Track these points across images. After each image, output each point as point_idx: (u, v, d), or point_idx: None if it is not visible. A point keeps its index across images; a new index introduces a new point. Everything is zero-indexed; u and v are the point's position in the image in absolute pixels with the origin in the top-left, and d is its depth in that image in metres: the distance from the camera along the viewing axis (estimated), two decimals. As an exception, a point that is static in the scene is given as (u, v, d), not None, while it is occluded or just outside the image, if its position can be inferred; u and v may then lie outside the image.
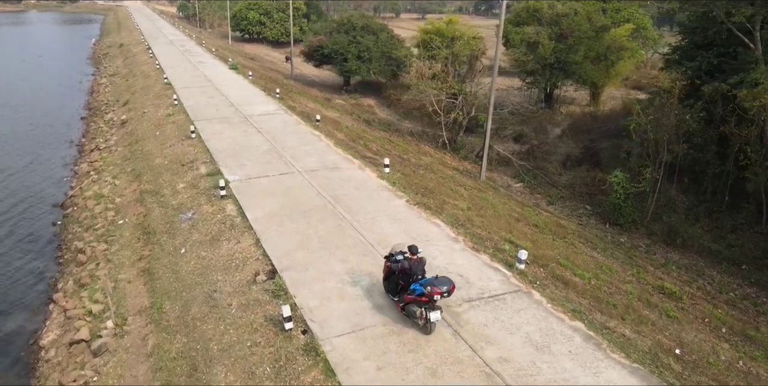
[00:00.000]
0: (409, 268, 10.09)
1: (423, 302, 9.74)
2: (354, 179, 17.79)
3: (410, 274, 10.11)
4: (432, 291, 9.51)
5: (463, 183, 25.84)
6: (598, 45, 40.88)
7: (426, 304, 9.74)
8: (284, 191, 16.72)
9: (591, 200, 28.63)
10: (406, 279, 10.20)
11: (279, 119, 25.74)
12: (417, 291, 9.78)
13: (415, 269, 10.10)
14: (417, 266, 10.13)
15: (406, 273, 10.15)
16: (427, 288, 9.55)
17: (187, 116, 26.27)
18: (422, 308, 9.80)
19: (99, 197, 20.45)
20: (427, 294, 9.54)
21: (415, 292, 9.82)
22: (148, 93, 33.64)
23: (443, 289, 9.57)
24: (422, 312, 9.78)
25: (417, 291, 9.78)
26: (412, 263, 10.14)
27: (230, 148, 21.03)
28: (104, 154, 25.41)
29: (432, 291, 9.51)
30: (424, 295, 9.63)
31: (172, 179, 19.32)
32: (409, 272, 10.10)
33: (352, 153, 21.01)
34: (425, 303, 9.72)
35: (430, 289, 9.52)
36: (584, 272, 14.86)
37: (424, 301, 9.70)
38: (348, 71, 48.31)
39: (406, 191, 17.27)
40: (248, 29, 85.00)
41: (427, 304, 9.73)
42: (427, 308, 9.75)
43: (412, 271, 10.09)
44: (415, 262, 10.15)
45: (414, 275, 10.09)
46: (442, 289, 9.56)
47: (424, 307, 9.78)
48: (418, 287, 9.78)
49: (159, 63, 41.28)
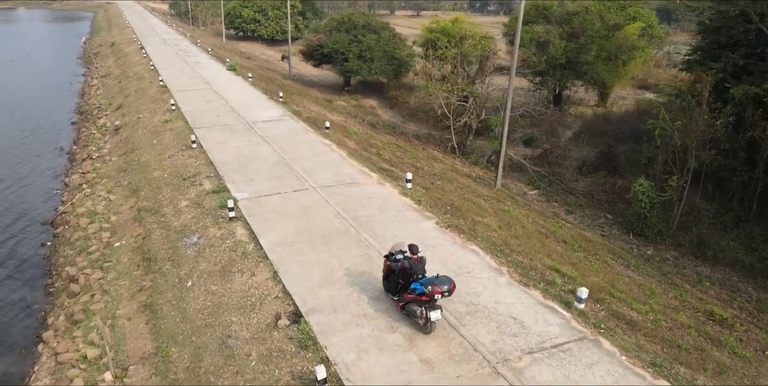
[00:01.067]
0: (410, 267, 10.03)
1: (423, 301, 9.70)
2: (375, 197, 16.18)
3: (411, 273, 10.04)
4: (433, 290, 9.47)
5: (480, 193, 24.36)
6: (610, 44, 39.42)
7: (426, 303, 9.69)
8: (300, 211, 15.08)
9: (611, 208, 27.24)
10: (406, 278, 10.13)
11: (285, 125, 24.05)
12: (417, 290, 9.74)
13: (415, 268, 10.03)
14: (417, 266, 10.07)
15: (406, 272, 10.09)
16: (428, 288, 9.51)
17: (186, 123, 24.53)
18: (422, 307, 9.75)
19: (93, 214, 18.73)
20: (428, 293, 9.50)
21: (416, 291, 9.77)
22: (142, 96, 31.82)
23: (444, 288, 9.54)
24: (422, 312, 9.74)
25: (418, 291, 9.73)
26: (413, 262, 10.08)
27: (235, 160, 19.34)
28: (97, 164, 23.63)
29: (433, 290, 9.47)
30: (424, 294, 9.58)
31: (173, 196, 17.63)
32: (409, 271, 10.04)
33: (368, 165, 19.38)
34: (426, 302, 9.68)
35: (431, 288, 9.48)
36: (640, 304, 13.38)
37: (424, 300, 9.66)
38: (349, 71, 46.68)
39: (433, 210, 15.68)
40: (242, 27, 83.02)
41: (427, 303, 9.69)
42: (427, 307, 9.69)
43: (412, 270, 10.02)
44: (415, 261, 10.10)
45: (414, 275, 10.03)
46: (443, 288, 9.53)
47: (424, 306, 9.73)
48: (419, 286, 9.73)
49: (153, 64, 39.39)
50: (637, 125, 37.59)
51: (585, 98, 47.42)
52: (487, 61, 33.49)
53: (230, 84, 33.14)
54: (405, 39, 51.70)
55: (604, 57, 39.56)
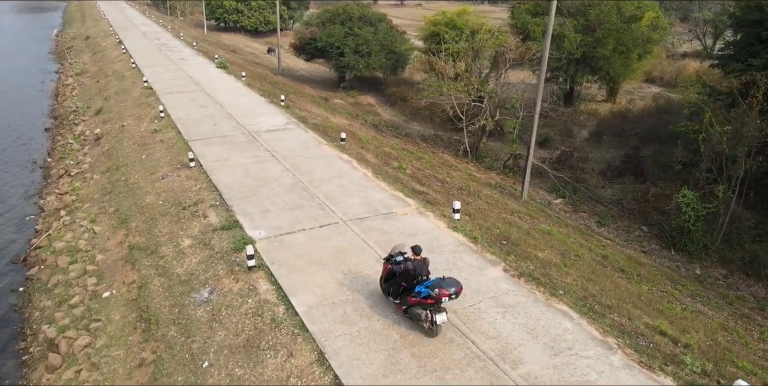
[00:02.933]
0: (413, 269, 9.62)
1: (428, 304, 9.42)
2: (420, 233, 13.42)
3: (414, 275, 9.65)
4: (440, 293, 9.22)
5: (513, 209, 21.87)
6: (627, 37, 36.96)
7: (431, 306, 9.41)
8: (334, 256, 12.27)
9: (645, 219, 24.99)
10: (409, 281, 9.71)
11: (293, 136, 21.07)
12: (423, 293, 9.45)
13: (419, 270, 9.68)
14: (421, 267, 9.73)
15: (409, 275, 9.66)
16: (435, 291, 9.25)
17: (178, 134, 21.40)
18: (427, 310, 9.45)
19: (74, 251, 15.66)
20: (435, 296, 9.25)
21: (421, 294, 9.48)
22: (125, 99, 28.44)
23: (451, 291, 9.26)
24: (427, 315, 9.44)
25: (423, 294, 9.45)
26: (416, 263, 9.70)
27: (243, 183, 16.37)
28: (76, 183, 20.42)
29: (440, 293, 9.22)
30: (430, 297, 9.34)
31: (172, 231, 14.65)
32: (413, 273, 9.63)
33: (400, 187, 16.58)
34: (431, 305, 9.40)
35: (438, 291, 9.23)
36: (755, 367, 10.93)
37: (429, 303, 9.39)
38: (345, 67, 43.60)
39: (492, 249, 12.99)
40: (224, 18, 79.13)
41: (432, 306, 9.40)
42: (432, 310, 9.39)
43: (416, 272, 9.64)
44: (419, 262, 9.74)
45: (419, 277, 9.69)
46: (450, 291, 9.26)
47: (429, 309, 9.43)
48: (424, 289, 9.44)
49: (135, 61, 35.79)
50: (657, 125, 35.39)
51: (592, 94, 45.09)
52: (503, 58, 30.69)
53: (223, 85, 29.88)
54: (403, 31, 48.71)
55: (621, 51, 37.16)
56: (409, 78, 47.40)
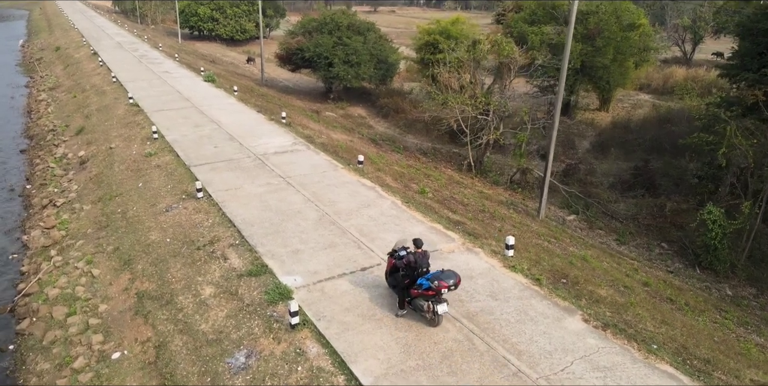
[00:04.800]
0: (414, 261, 9.99)
1: (430, 295, 9.83)
2: (476, 275, 11.93)
3: (415, 267, 10.01)
4: (439, 284, 9.64)
5: (538, 232, 20.73)
6: (625, 46, 36.34)
7: (433, 297, 9.80)
8: (388, 308, 10.67)
9: (663, 235, 24.11)
10: (410, 273, 10.07)
11: (304, 159, 19.38)
12: (424, 285, 9.84)
13: (420, 262, 10.05)
14: (422, 260, 10.10)
15: (411, 267, 10.02)
16: (435, 282, 9.65)
17: (176, 158, 19.51)
18: (429, 301, 9.88)
19: (71, 299, 13.71)
20: (435, 287, 9.64)
21: (422, 286, 9.87)
22: (109, 117, 26.30)
23: (450, 282, 9.71)
24: (429, 305, 9.85)
25: (424, 286, 9.84)
26: (417, 256, 10.07)
27: (263, 217, 14.65)
28: (64, 215, 18.33)
29: (439, 284, 9.64)
30: (431, 289, 9.71)
31: (187, 276, 12.85)
32: (414, 265, 9.99)
33: (436, 218, 15.09)
34: (432, 296, 9.80)
35: (438, 283, 9.66)
36: None
37: (431, 295, 9.78)
38: (334, 77, 42.04)
39: (559, 291, 11.61)
40: (199, 26, 76.73)
41: (434, 297, 9.79)
42: (434, 301, 9.81)
43: (417, 264, 10.00)
44: (420, 255, 10.10)
45: (419, 269, 10.05)
46: (449, 282, 9.70)
47: (431, 300, 9.85)
48: (425, 281, 9.84)
49: (115, 75, 33.50)
50: (660, 135, 34.77)
51: (584, 103, 44.47)
52: (508, 69, 29.55)
53: (215, 100, 27.96)
54: (392, 40, 47.40)
55: (620, 60, 36.53)
56: (400, 88, 46.08)
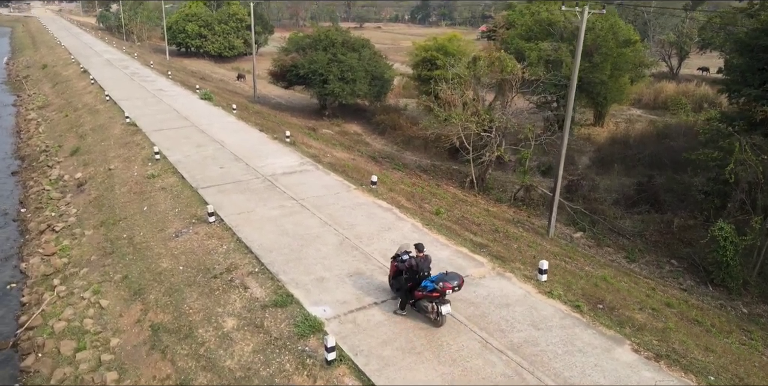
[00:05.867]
0: (416, 265, 10.27)
1: (434, 297, 10.18)
2: (513, 303, 11.42)
3: (417, 271, 10.27)
4: (444, 286, 10.06)
5: (553, 251, 20.44)
6: (622, 61, 36.56)
7: (437, 299, 10.15)
8: (427, 340, 10.07)
9: (671, 252, 23.94)
10: (412, 276, 10.34)
11: (315, 179, 18.82)
12: (428, 287, 10.20)
13: (421, 265, 10.33)
14: (423, 263, 10.38)
15: (413, 270, 10.29)
16: (440, 284, 10.07)
17: (181, 180, 18.83)
18: (433, 302, 10.20)
19: (79, 333, 12.90)
20: (440, 289, 10.05)
21: (427, 289, 10.23)
22: (105, 137, 25.52)
23: (454, 284, 10.14)
24: (433, 307, 10.20)
25: (428, 288, 10.20)
26: (419, 260, 10.34)
27: (280, 242, 14.02)
28: (64, 241, 17.50)
29: (444, 286, 10.06)
30: (435, 291, 10.11)
31: (205, 307, 12.15)
32: (416, 268, 10.25)
33: (460, 241, 14.60)
34: (436, 297, 10.16)
35: (442, 285, 10.07)
36: None
37: (435, 296, 10.15)
38: (329, 94, 41.76)
39: (601, 318, 11.14)
40: (187, 43, 76.27)
41: (437, 299, 10.14)
42: (437, 302, 10.15)
43: (419, 268, 10.28)
44: (421, 259, 10.38)
45: (421, 272, 10.33)
46: (453, 284, 10.13)
47: (434, 302, 10.18)
48: (429, 284, 10.20)
49: (108, 93, 32.73)
50: (659, 150, 34.84)
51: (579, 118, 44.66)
52: (510, 85, 29.41)
53: (214, 119, 27.33)
54: (386, 56, 47.31)
55: (616, 75, 36.72)
56: (395, 105, 45.86)
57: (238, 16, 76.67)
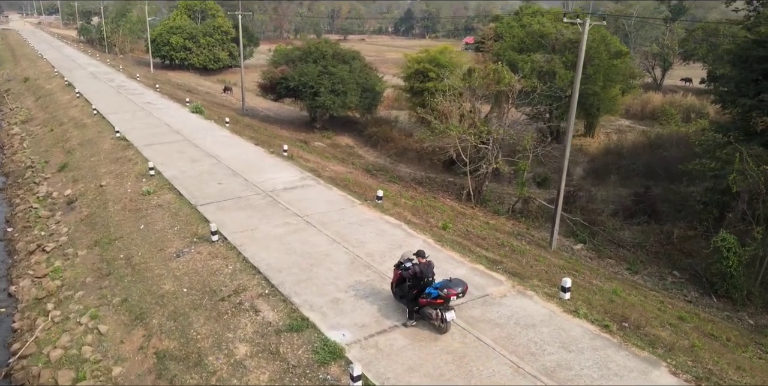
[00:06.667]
0: (420, 272, 10.31)
1: (438, 304, 10.20)
2: (540, 323, 10.96)
3: (421, 277, 10.31)
4: (448, 292, 10.06)
5: (559, 264, 20.13)
6: (614, 72, 36.78)
7: (441, 306, 10.19)
8: (455, 366, 9.57)
9: (672, 263, 23.81)
10: (416, 283, 10.37)
11: (317, 195, 18.28)
12: (433, 294, 10.24)
13: (425, 271, 10.37)
14: (427, 269, 10.43)
15: (417, 277, 10.33)
16: (444, 291, 10.08)
17: (179, 196, 18.15)
18: (437, 309, 10.24)
19: (78, 361, 12.13)
20: (444, 296, 10.08)
21: (431, 295, 10.26)
22: (95, 152, 24.71)
23: (458, 290, 10.14)
24: (438, 313, 10.24)
25: (433, 294, 10.23)
26: (422, 266, 10.38)
27: (289, 261, 13.43)
28: (56, 262, 16.67)
29: (448, 292, 10.06)
30: (440, 297, 10.13)
31: (214, 332, 11.49)
32: (420, 275, 10.30)
33: (474, 258, 14.16)
34: (440, 304, 10.19)
35: (447, 291, 10.07)
36: None
37: (439, 303, 10.18)
38: (320, 106, 41.35)
39: (631, 339, 10.74)
40: (171, 55, 75.43)
41: (442, 305, 10.19)
42: (442, 309, 10.19)
43: (423, 274, 10.32)
44: (424, 265, 10.42)
45: (425, 278, 10.35)
46: (458, 290, 10.13)
47: (439, 308, 10.22)
48: (434, 291, 10.24)
49: (95, 107, 31.89)
50: (652, 160, 34.96)
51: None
52: (506, 97, 29.21)
53: (208, 133, 26.68)
54: (376, 69, 47.06)
55: (608, 87, 36.90)
56: (387, 117, 45.55)
57: (223, 29, 76.12)
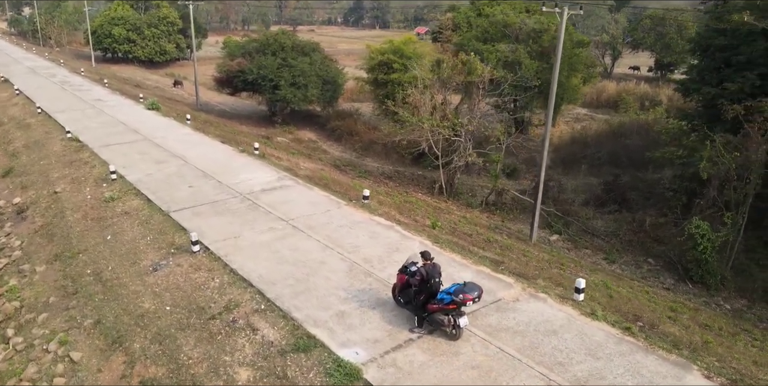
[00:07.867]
0: (427, 274, 9.90)
1: (450, 309, 9.77)
2: (560, 328, 10.39)
3: (428, 280, 9.87)
4: (464, 298, 9.61)
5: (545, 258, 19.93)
6: (577, 62, 36.93)
7: (453, 311, 9.79)
8: (482, 382, 8.89)
9: (646, 251, 24.12)
10: (424, 287, 9.91)
11: (298, 196, 17.18)
12: (446, 300, 9.79)
13: (431, 273, 9.93)
14: (433, 271, 9.99)
15: (424, 281, 9.88)
16: (459, 296, 9.63)
17: (147, 202, 16.69)
18: (449, 315, 9.82)
19: (50, 396, 10.80)
20: (459, 301, 9.62)
21: (443, 301, 9.82)
22: (43, 155, 22.68)
23: (474, 295, 9.71)
24: (450, 319, 9.83)
25: (446, 300, 9.78)
26: (428, 268, 9.98)
27: (282, 272, 12.38)
28: (11, 280, 14.99)
29: (464, 298, 9.61)
30: (453, 303, 9.68)
31: (207, 355, 10.37)
32: (427, 278, 9.88)
33: (476, 260, 13.48)
34: (453, 310, 9.78)
35: (462, 297, 9.62)
36: None
37: (451, 308, 9.76)
38: (280, 100, 39.91)
39: (655, 341, 10.33)
40: (113, 48, 71.49)
41: (454, 311, 9.78)
42: (454, 315, 9.80)
43: (429, 276, 9.90)
44: (430, 266, 10.01)
45: (431, 280, 9.90)
46: (474, 295, 9.70)
47: (451, 314, 9.81)
48: (447, 296, 9.79)
49: (39, 105, 29.45)
50: (617, 149, 35.44)
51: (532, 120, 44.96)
52: (477, 88, 28.75)
53: (168, 131, 24.96)
54: (336, 60, 45.78)
55: (571, 76, 37.04)
56: (349, 109, 44.42)
57: (169, 20, 72.64)
